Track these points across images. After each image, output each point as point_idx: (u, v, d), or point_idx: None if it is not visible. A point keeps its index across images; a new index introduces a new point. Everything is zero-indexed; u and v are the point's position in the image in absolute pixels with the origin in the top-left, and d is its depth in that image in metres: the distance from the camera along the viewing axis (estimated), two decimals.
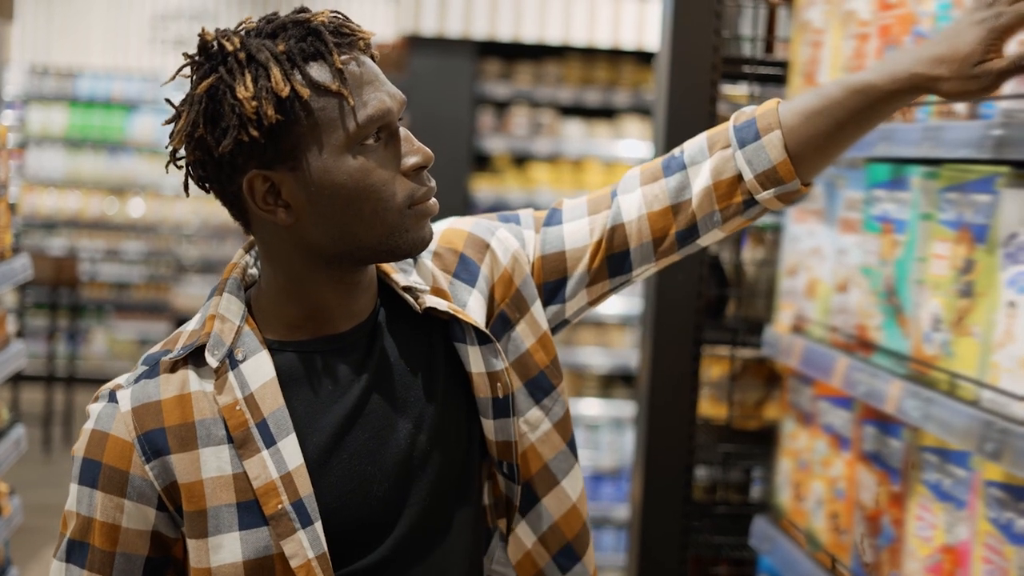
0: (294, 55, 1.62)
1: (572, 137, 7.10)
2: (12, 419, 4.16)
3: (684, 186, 1.83)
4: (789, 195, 1.82)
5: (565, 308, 1.88)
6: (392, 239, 1.66)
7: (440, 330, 1.77)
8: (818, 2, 2.93)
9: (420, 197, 1.67)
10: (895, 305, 2.44)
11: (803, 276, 2.98)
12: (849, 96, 1.77)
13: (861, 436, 2.60)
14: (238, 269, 1.75)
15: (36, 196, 11.85)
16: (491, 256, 1.82)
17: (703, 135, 1.86)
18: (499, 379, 1.75)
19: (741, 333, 3.36)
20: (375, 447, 1.69)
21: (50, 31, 12.24)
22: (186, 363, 1.68)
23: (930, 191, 2.32)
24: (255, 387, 1.66)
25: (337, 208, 1.63)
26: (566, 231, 1.86)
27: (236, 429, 1.64)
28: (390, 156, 1.66)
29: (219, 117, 1.60)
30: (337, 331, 1.71)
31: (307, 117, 1.61)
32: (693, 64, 3.23)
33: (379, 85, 1.66)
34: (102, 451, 1.65)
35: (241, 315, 1.70)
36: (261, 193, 1.64)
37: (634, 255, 1.85)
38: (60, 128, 11.96)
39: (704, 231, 1.85)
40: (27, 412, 9.53)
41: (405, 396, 1.72)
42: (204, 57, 1.65)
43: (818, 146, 1.79)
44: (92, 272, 11.69)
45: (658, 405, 3.31)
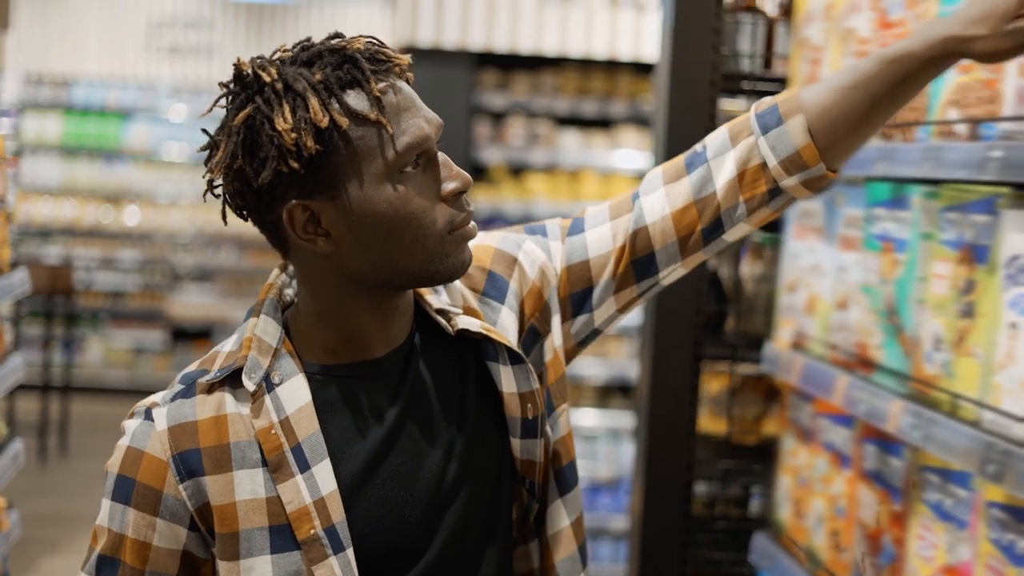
0: (331, 84, 1.61)
1: (569, 148, 7.10)
2: (10, 433, 4.15)
3: (707, 180, 1.82)
4: (815, 181, 1.79)
5: (593, 317, 1.87)
6: (433, 265, 1.66)
7: (473, 349, 1.77)
8: (817, 19, 2.94)
9: (460, 222, 1.66)
10: (896, 324, 2.44)
11: (803, 293, 2.98)
12: (884, 67, 1.74)
13: (862, 454, 2.60)
14: (275, 290, 1.75)
15: (32, 204, 11.84)
16: (519, 270, 1.82)
17: (724, 127, 1.85)
18: (530, 400, 1.74)
19: (740, 349, 3.36)
20: (408, 473, 1.69)
21: (46, 39, 12.24)
22: (223, 385, 1.68)
23: (930, 211, 2.33)
24: (291, 411, 1.66)
25: (377, 236, 1.63)
26: (588, 239, 1.86)
27: (271, 453, 1.64)
28: (429, 182, 1.65)
29: (257, 148, 1.61)
30: (373, 356, 1.71)
31: (346, 147, 1.61)
32: (692, 80, 3.24)
33: (416, 111, 1.65)
34: (137, 468, 1.65)
35: (278, 337, 1.70)
36: (301, 222, 1.64)
37: (659, 257, 1.84)
38: (55, 136, 11.95)
39: (729, 225, 1.83)
40: (22, 421, 9.52)
41: (438, 421, 1.72)
42: (240, 87, 1.65)
43: (850, 124, 1.76)
44: (88, 280, 11.68)
45: (658, 420, 3.31)
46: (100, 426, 9.93)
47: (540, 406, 1.75)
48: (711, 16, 3.23)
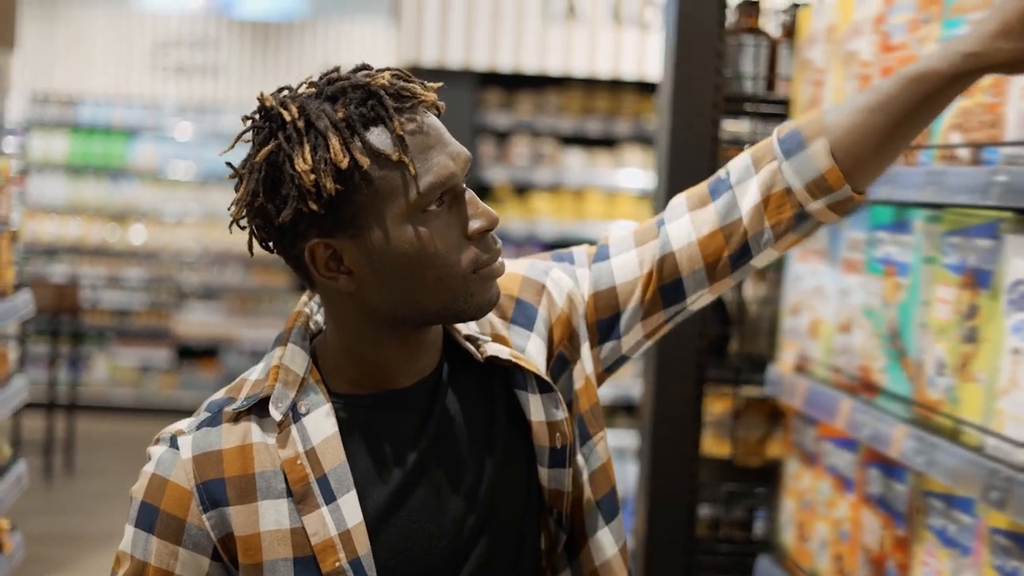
0: (354, 121, 1.59)
1: (573, 167, 7.10)
2: (13, 455, 4.15)
3: (733, 206, 1.79)
4: (841, 204, 1.76)
5: (621, 344, 1.84)
6: (457, 304, 1.64)
7: (501, 376, 1.74)
8: (819, 41, 2.93)
9: (485, 261, 1.64)
10: (899, 348, 2.43)
11: (806, 315, 2.97)
12: (906, 86, 1.71)
13: (865, 479, 2.59)
14: (303, 318, 1.73)
15: (38, 223, 11.85)
16: (547, 297, 1.80)
17: (747, 153, 1.82)
18: (559, 429, 1.71)
19: (744, 371, 3.35)
20: (435, 506, 1.67)
21: (52, 57, 12.27)
22: (249, 414, 1.66)
23: (933, 235, 2.32)
24: (317, 442, 1.64)
25: (400, 276, 1.61)
26: (615, 265, 1.83)
27: (296, 484, 1.62)
28: (454, 220, 1.62)
29: (279, 185, 1.59)
30: (400, 387, 1.69)
31: (367, 187, 1.58)
32: (695, 101, 3.23)
33: (442, 147, 1.62)
34: (161, 497, 1.64)
35: (305, 367, 1.68)
36: (323, 260, 1.62)
37: (687, 283, 1.81)
38: (62, 155, 11.97)
39: (756, 251, 1.80)
40: (28, 440, 9.52)
41: (466, 451, 1.70)
42: (263, 121, 1.63)
43: (873, 146, 1.73)
44: (94, 299, 11.68)
45: (661, 442, 3.30)
46: (106, 444, 9.92)
47: (569, 435, 1.72)
48: (713, 37, 3.22)
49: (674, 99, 3.23)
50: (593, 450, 1.79)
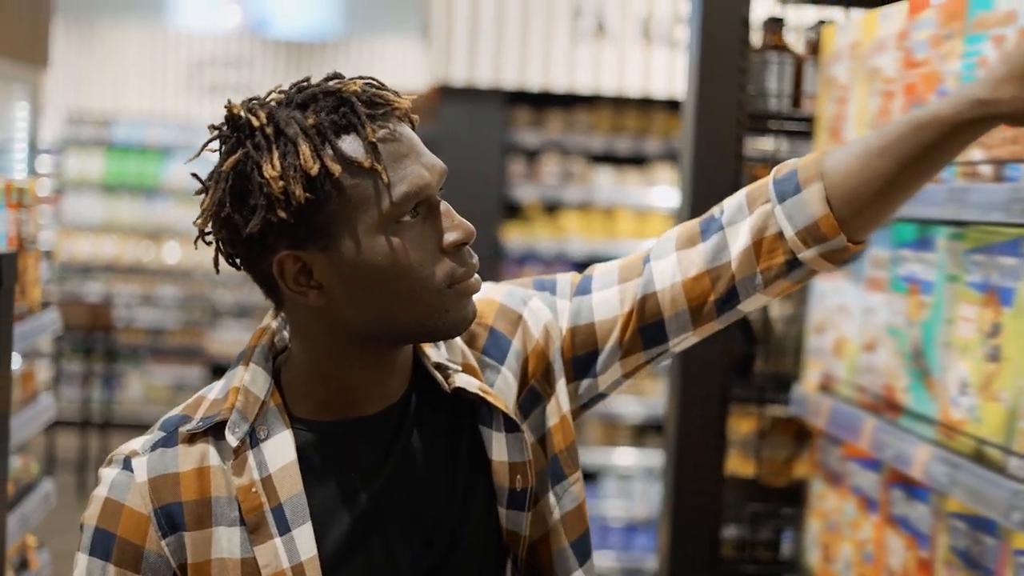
0: (325, 128, 1.54)
1: (603, 185, 7.08)
2: (41, 472, 4.16)
3: (722, 248, 1.69)
4: (835, 254, 1.66)
5: (598, 382, 1.76)
6: (431, 320, 1.58)
7: (468, 409, 1.67)
8: (843, 58, 2.91)
9: (460, 276, 1.58)
10: (922, 367, 2.40)
11: (830, 334, 2.95)
12: (912, 131, 1.63)
13: (889, 499, 2.56)
14: (267, 336, 1.67)
15: (73, 242, 11.92)
16: (523, 328, 1.73)
17: (743, 192, 1.73)
18: (520, 471, 1.65)
19: (769, 390, 3.32)
20: (394, 540, 1.61)
21: (88, 77, 12.36)
22: (205, 435, 1.60)
23: (956, 252, 2.30)
24: (274, 469, 1.58)
25: (372, 289, 1.55)
26: (595, 301, 1.74)
27: (250, 512, 1.56)
28: (428, 232, 1.57)
29: (247, 195, 1.53)
30: (366, 413, 1.63)
31: (338, 195, 1.53)
32: (718, 119, 3.21)
33: (416, 157, 1.57)
34: (116, 522, 1.57)
35: (267, 389, 1.61)
36: (292, 274, 1.56)
37: (669, 325, 1.72)
38: (97, 174, 12.05)
39: (745, 296, 1.71)
40: (62, 458, 9.57)
41: (430, 485, 1.64)
42: (231, 129, 1.57)
43: (873, 193, 1.64)
44: (128, 317, 11.74)
45: (685, 462, 3.28)
46: None
47: (531, 479, 1.65)
48: (737, 55, 3.21)
49: (697, 116, 3.22)
50: (567, 491, 1.72)
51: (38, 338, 3.88)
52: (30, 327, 3.72)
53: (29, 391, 3.92)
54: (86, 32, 12.27)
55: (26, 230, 3.81)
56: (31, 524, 3.78)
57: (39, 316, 3.84)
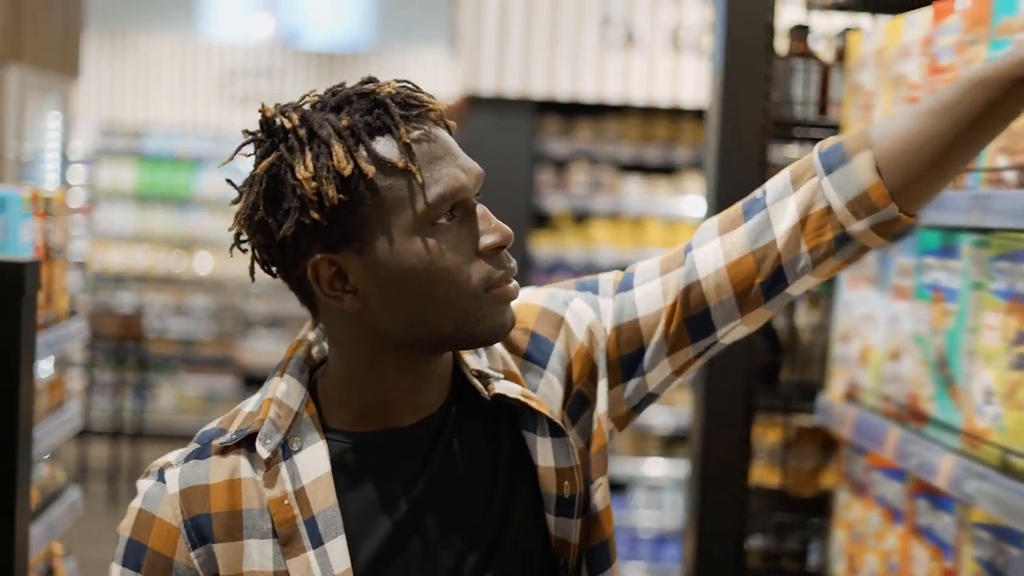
0: (359, 130, 1.52)
1: (632, 195, 7.07)
2: (68, 481, 4.17)
3: (766, 228, 1.62)
4: (887, 225, 1.58)
5: (647, 381, 1.68)
6: (468, 326, 1.54)
7: (510, 417, 1.62)
8: (869, 65, 2.89)
9: (498, 280, 1.54)
10: (947, 376, 2.38)
11: (856, 343, 2.92)
12: (971, 89, 1.55)
13: (914, 509, 2.53)
14: (302, 348, 1.64)
15: (106, 252, 11.98)
16: (566, 331, 1.67)
17: (786, 169, 1.65)
18: (567, 476, 1.60)
19: (795, 400, 3.30)
20: (431, 554, 1.57)
21: (121, 88, 12.42)
22: (238, 447, 1.57)
23: (980, 260, 2.27)
24: (307, 481, 1.55)
25: (407, 293, 1.52)
26: (637, 296, 1.67)
27: (282, 525, 1.54)
28: (465, 236, 1.54)
29: (280, 198, 1.51)
30: (403, 424, 1.59)
31: (372, 196, 1.50)
32: (743, 126, 3.20)
33: (452, 159, 1.54)
34: (148, 533, 1.56)
35: (301, 400, 1.59)
36: (327, 278, 1.53)
37: (715, 314, 1.65)
38: (129, 184, 12.11)
39: (792, 278, 1.63)
40: (93, 467, 9.61)
41: (468, 497, 1.59)
42: (265, 134, 1.55)
43: (927, 158, 1.56)
44: (161, 328, 11.78)
45: (710, 472, 3.26)
46: None
47: (579, 484, 1.60)
48: (761, 62, 3.19)
49: (722, 124, 3.20)
50: (594, 495, 1.66)
51: (64, 347, 3.90)
52: (56, 336, 3.73)
53: (56, 399, 3.94)
54: (119, 43, 12.34)
55: (53, 239, 3.83)
56: (57, 532, 3.79)
57: (65, 325, 3.86)
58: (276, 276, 1.59)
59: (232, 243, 1.59)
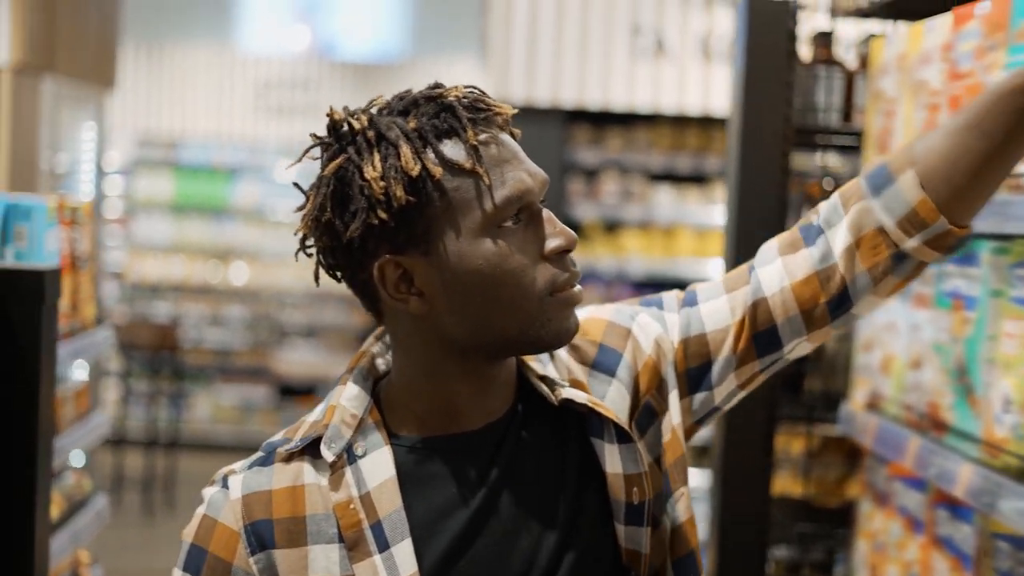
0: (426, 132, 1.53)
1: (663, 204, 7.06)
2: (95, 488, 4.19)
3: (826, 251, 1.66)
4: (940, 239, 1.61)
5: (714, 395, 1.71)
6: (533, 329, 1.54)
7: (577, 424, 1.63)
8: (891, 71, 2.87)
9: (562, 283, 1.55)
10: (966, 384, 2.35)
11: (878, 352, 2.90)
12: (995, 102, 1.58)
13: (934, 519, 2.51)
14: (366, 358, 1.65)
15: (142, 262, 12.05)
16: (633, 344, 1.69)
17: (835, 195, 1.69)
18: (636, 483, 1.59)
19: (819, 409, 3.27)
20: (497, 557, 1.56)
21: (157, 99, 12.49)
22: (303, 454, 1.58)
23: (1000, 267, 2.25)
24: (372, 486, 1.55)
25: (473, 296, 1.53)
26: (704, 312, 1.70)
27: (348, 529, 1.54)
28: (530, 239, 1.54)
29: (348, 200, 1.52)
30: (468, 429, 1.59)
31: (440, 198, 1.51)
32: (764, 134, 3.18)
33: (518, 163, 1.55)
34: (209, 539, 1.57)
35: (365, 407, 1.60)
36: (393, 280, 1.54)
37: (782, 330, 1.67)
38: (166, 195, 12.17)
39: (857, 298, 1.66)
40: (128, 476, 9.65)
41: (534, 502, 1.59)
42: (333, 137, 1.57)
43: (968, 170, 1.59)
44: (197, 338, 11.83)
45: (732, 481, 3.24)
46: (208, 482, 9.98)
47: (648, 491, 1.60)
48: (783, 69, 3.17)
49: (742, 131, 3.18)
50: (675, 506, 1.66)
51: (91, 355, 3.91)
52: (82, 344, 3.75)
53: (84, 407, 3.96)
54: (155, 55, 12.41)
55: (79, 248, 3.85)
56: (82, 540, 3.80)
57: (92, 333, 3.87)
58: (341, 280, 1.60)
59: (298, 248, 1.60)
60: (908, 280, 1.67)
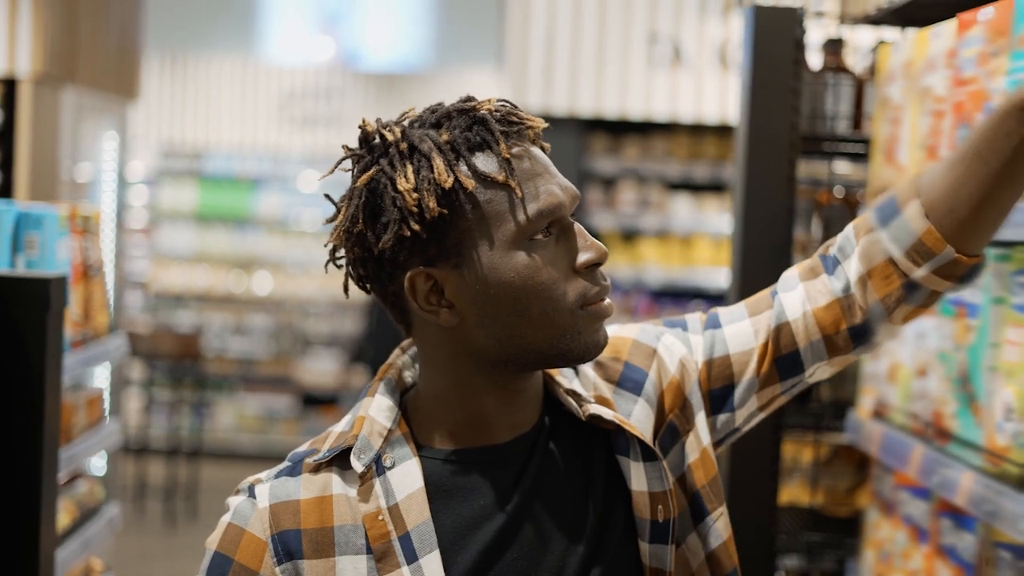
0: (459, 145, 1.54)
1: (681, 213, 7.05)
2: (108, 496, 4.20)
3: (845, 281, 1.69)
4: (948, 268, 1.62)
5: (735, 416, 1.72)
6: (563, 342, 1.54)
7: (602, 440, 1.64)
8: (898, 78, 2.85)
9: (593, 297, 1.55)
10: (969, 393, 2.34)
11: (885, 360, 2.88)
12: (990, 127, 1.59)
13: (938, 529, 2.49)
14: (393, 370, 1.66)
15: (167, 272, 12.10)
16: (658, 363, 1.70)
17: (849, 226, 1.72)
18: (661, 501, 1.60)
19: (827, 417, 3.26)
20: (525, 571, 1.56)
21: (182, 110, 12.54)
22: (330, 465, 1.59)
23: (1002, 274, 2.23)
24: (401, 497, 1.55)
25: (503, 308, 1.53)
26: (728, 334, 1.72)
27: (377, 540, 1.54)
28: (561, 252, 1.55)
29: (379, 211, 1.53)
30: (496, 442, 1.60)
31: (472, 210, 1.52)
32: (770, 141, 3.16)
33: (550, 177, 1.56)
34: (235, 547, 1.56)
35: (393, 418, 1.60)
36: (424, 292, 1.54)
37: (804, 355, 1.70)
38: (190, 205, 12.22)
39: (875, 325, 1.68)
40: (151, 485, 9.69)
41: (562, 516, 1.59)
42: (365, 149, 1.58)
43: (971, 199, 1.59)
44: (220, 347, 11.86)
45: (738, 491, 3.22)
46: (230, 491, 10.02)
47: (673, 509, 1.60)
48: (789, 76, 3.15)
49: (748, 139, 3.17)
50: (711, 527, 1.67)
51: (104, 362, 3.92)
52: (94, 352, 3.76)
53: (95, 415, 3.97)
54: (179, 66, 12.46)
55: (92, 256, 3.86)
56: (94, 548, 3.81)
57: (103, 342, 3.89)
58: (371, 292, 1.61)
59: (327, 259, 1.62)
60: (924, 309, 1.69)
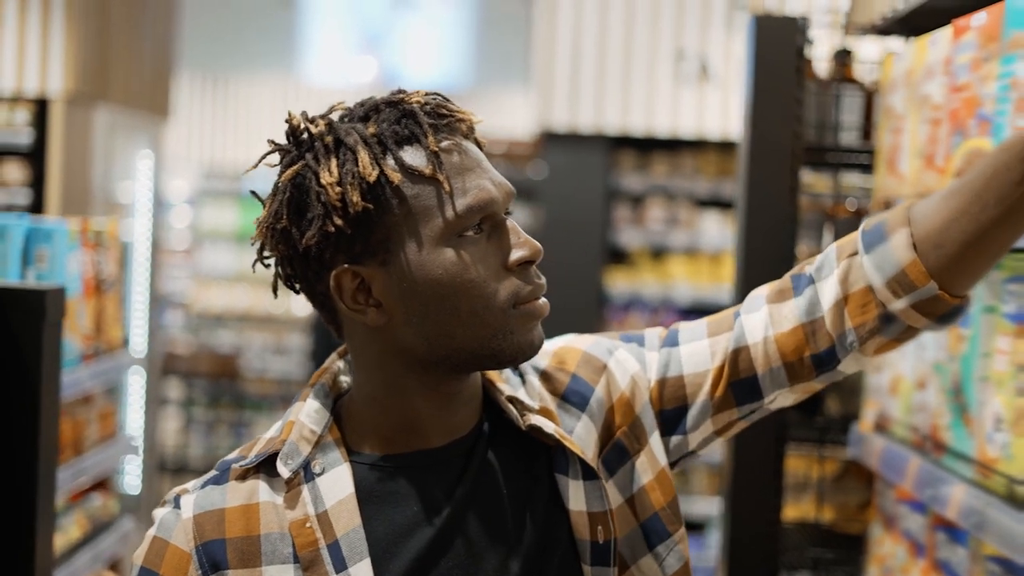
0: (386, 138, 1.49)
1: (709, 230, 7.00)
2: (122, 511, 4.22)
3: (815, 303, 1.59)
4: (928, 304, 1.52)
5: (688, 440, 1.65)
6: (495, 342, 1.49)
7: (544, 456, 1.58)
8: (899, 87, 2.82)
9: (526, 296, 1.50)
10: (961, 403, 2.30)
11: (887, 372, 2.84)
12: (987, 163, 1.50)
13: (935, 543, 2.45)
14: (328, 375, 1.60)
15: (207, 292, 12.15)
16: (608, 378, 1.64)
17: (833, 246, 1.61)
18: (600, 521, 1.55)
19: (832, 431, 3.21)
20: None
21: (223, 131, 12.63)
22: (258, 472, 1.54)
23: (993, 282, 2.19)
24: (330, 504, 1.50)
25: (432, 307, 1.48)
26: (684, 353, 1.65)
27: (304, 549, 1.48)
28: (493, 250, 1.50)
29: (304, 207, 1.49)
30: (430, 446, 1.54)
31: (399, 205, 1.47)
32: (772, 152, 3.13)
33: (482, 172, 1.51)
34: (160, 560, 1.51)
35: (324, 423, 1.55)
36: (350, 291, 1.49)
37: (763, 381, 1.61)
38: (230, 226, 12.28)
39: (843, 354, 1.58)
40: None
41: (498, 525, 1.53)
42: (292, 144, 1.53)
43: (963, 235, 1.50)
44: (260, 367, 11.89)
45: (740, 506, 3.18)
46: None
47: (614, 530, 1.55)
48: (791, 85, 3.13)
49: (751, 149, 3.14)
50: (672, 550, 1.61)
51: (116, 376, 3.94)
52: (105, 365, 3.78)
53: (108, 428, 3.98)
54: (220, 87, 12.55)
55: (105, 270, 3.88)
56: (104, 560, 3.82)
57: (116, 355, 3.90)
58: (299, 292, 1.56)
59: (255, 259, 1.57)
60: (897, 343, 1.59)
